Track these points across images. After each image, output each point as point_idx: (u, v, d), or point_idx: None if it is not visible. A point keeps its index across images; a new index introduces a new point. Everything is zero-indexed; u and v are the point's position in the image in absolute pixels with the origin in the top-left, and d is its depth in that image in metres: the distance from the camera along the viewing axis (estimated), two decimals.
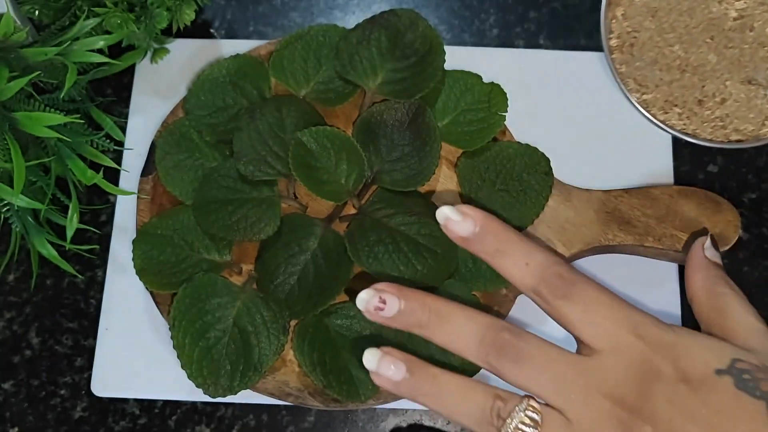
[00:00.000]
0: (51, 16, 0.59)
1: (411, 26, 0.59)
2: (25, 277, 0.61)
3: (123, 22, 0.57)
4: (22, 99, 0.53)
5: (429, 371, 0.44)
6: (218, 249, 0.56)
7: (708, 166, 0.62)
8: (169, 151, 0.59)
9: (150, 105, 0.64)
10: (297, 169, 0.55)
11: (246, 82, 0.60)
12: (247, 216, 0.56)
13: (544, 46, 0.66)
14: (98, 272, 0.61)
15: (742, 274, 0.60)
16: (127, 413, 0.58)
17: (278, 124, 0.57)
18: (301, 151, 0.56)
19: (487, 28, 0.67)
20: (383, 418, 0.57)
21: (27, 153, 0.55)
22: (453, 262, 0.54)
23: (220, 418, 0.57)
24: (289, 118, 0.57)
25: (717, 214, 0.57)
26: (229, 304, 0.54)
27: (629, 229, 0.56)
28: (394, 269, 0.54)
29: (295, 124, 0.57)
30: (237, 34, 0.67)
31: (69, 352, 0.59)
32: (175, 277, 0.55)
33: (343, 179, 0.56)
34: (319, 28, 0.61)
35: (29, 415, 0.58)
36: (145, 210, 0.58)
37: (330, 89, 0.60)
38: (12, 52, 0.52)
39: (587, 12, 0.67)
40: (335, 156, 0.56)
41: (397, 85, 0.58)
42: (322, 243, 0.56)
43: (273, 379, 0.55)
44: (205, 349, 0.53)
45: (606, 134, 0.62)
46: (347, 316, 0.55)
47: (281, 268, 0.55)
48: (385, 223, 0.55)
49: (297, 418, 0.57)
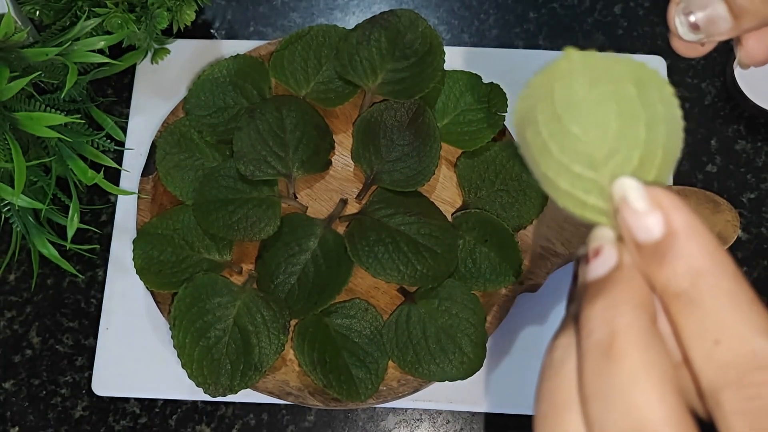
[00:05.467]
0: (52, 16, 0.59)
1: (411, 27, 0.59)
2: (25, 277, 0.61)
3: (123, 23, 0.57)
4: (22, 99, 0.53)
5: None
6: (218, 249, 0.56)
7: (707, 166, 0.63)
8: (169, 151, 0.59)
9: (150, 105, 0.64)
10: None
11: (246, 82, 0.60)
12: (247, 216, 0.56)
13: (543, 46, 0.66)
14: (99, 272, 0.61)
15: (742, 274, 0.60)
16: (128, 412, 0.58)
17: (278, 124, 0.57)
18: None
19: (486, 28, 0.67)
20: (383, 417, 0.57)
21: (28, 153, 0.55)
22: (453, 262, 0.54)
23: (220, 418, 0.57)
24: (289, 118, 0.58)
25: (716, 213, 0.57)
26: (230, 303, 0.54)
27: None
28: (394, 269, 0.54)
29: (295, 125, 0.57)
30: (237, 34, 0.67)
31: (70, 351, 0.59)
32: (175, 277, 0.55)
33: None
34: (319, 29, 0.61)
35: (30, 414, 0.58)
36: (145, 210, 0.58)
37: (330, 89, 0.60)
38: (13, 53, 0.52)
39: (586, 12, 0.67)
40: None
41: (397, 85, 0.58)
42: (322, 243, 0.56)
43: (273, 378, 0.55)
44: (205, 348, 0.53)
45: None
46: (347, 315, 0.55)
47: (281, 267, 0.55)
48: (385, 223, 0.55)
49: (297, 417, 0.57)
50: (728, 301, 0.23)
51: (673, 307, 0.24)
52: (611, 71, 0.23)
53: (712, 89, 0.65)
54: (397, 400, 0.55)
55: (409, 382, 0.54)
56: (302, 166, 0.57)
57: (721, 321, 0.23)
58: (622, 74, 0.23)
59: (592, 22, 0.67)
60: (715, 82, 0.65)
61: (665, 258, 0.23)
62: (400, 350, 0.54)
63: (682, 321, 0.23)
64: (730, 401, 0.22)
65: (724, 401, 0.22)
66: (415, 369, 0.53)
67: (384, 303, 0.57)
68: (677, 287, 0.23)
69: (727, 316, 0.23)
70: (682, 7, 0.35)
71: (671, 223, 0.24)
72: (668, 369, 0.23)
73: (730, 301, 0.23)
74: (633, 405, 0.22)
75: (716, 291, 0.23)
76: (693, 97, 0.64)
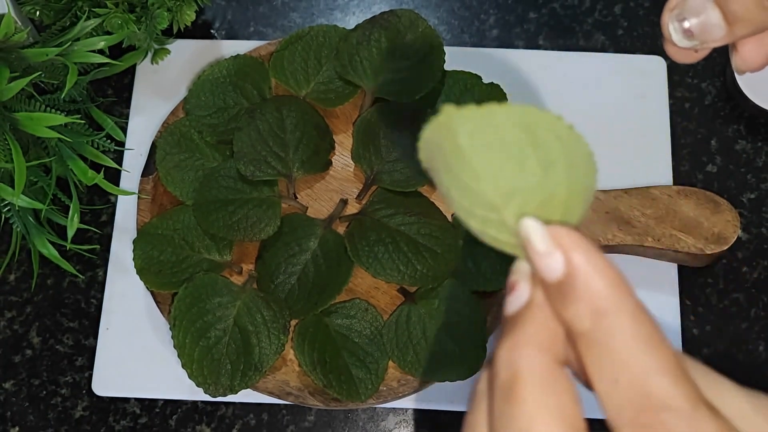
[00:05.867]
0: (52, 16, 0.59)
1: (411, 27, 0.59)
2: (25, 277, 0.61)
3: (124, 23, 0.57)
4: (23, 99, 0.53)
5: None
6: (218, 249, 0.56)
7: (707, 166, 0.63)
8: (169, 151, 0.59)
9: (151, 105, 0.64)
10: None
11: (246, 82, 0.60)
12: (247, 216, 0.56)
13: (543, 46, 0.66)
14: (99, 272, 0.61)
15: (742, 274, 0.60)
16: (128, 412, 0.58)
17: (278, 124, 0.57)
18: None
19: (486, 28, 0.67)
20: (383, 417, 0.57)
21: (28, 153, 0.55)
22: (453, 262, 0.54)
23: (220, 418, 0.57)
24: (289, 119, 0.58)
25: (716, 214, 0.57)
26: (230, 303, 0.54)
27: (628, 229, 0.56)
28: (394, 269, 0.54)
29: (295, 125, 0.57)
30: (237, 34, 0.67)
31: (70, 351, 0.59)
32: (175, 277, 0.55)
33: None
34: (319, 29, 0.61)
35: (30, 414, 0.58)
36: (145, 210, 0.58)
37: (330, 90, 0.60)
38: (13, 53, 0.52)
39: (586, 13, 0.67)
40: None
41: (397, 85, 0.58)
42: (322, 243, 0.56)
43: (273, 378, 0.55)
44: (205, 348, 0.53)
45: (606, 134, 0.62)
46: (347, 315, 0.55)
47: (281, 267, 0.55)
48: (385, 223, 0.55)
49: (297, 417, 0.57)
50: (627, 340, 0.23)
51: (578, 345, 0.24)
52: (492, 119, 0.23)
53: (712, 89, 0.64)
54: (398, 400, 0.55)
55: (410, 382, 0.54)
56: (302, 166, 0.57)
57: (619, 361, 0.23)
58: (505, 121, 0.23)
59: (593, 22, 0.67)
60: (716, 82, 0.65)
61: (567, 298, 0.24)
62: (400, 350, 0.54)
63: (586, 360, 0.24)
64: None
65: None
66: (415, 369, 0.53)
67: (384, 303, 0.57)
68: (580, 326, 0.24)
69: (624, 356, 0.23)
70: (676, 14, 0.35)
71: (571, 263, 0.24)
72: (567, 410, 0.23)
73: (628, 341, 0.23)
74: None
75: (615, 331, 0.23)
76: (693, 97, 0.64)
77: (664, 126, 0.63)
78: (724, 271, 0.60)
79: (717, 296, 0.59)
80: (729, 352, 0.58)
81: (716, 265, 0.60)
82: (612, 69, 0.64)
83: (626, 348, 0.23)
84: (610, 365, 0.23)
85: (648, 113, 0.63)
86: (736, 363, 0.58)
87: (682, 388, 0.22)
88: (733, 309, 0.59)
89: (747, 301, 0.59)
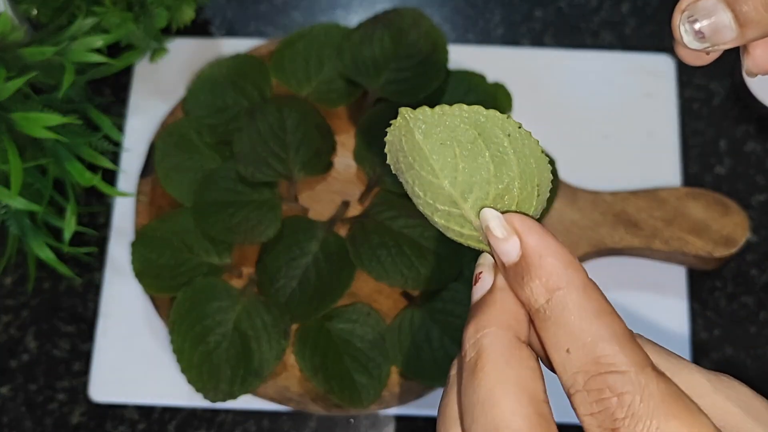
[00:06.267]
0: (49, 15, 0.59)
1: (414, 25, 0.59)
2: (22, 281, 0.60)
3: (122, 22, 0.57)
4: (19, 99, 0.53)
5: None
6: (218, 252, 0.56)
7: (716, 167, 0.62)
8: (168, 152, 0.58)
9: (149, 105, 0.63)
10: None
11: (246, 82, 0.59)
12: (247, 218, 0.55)
13: (549, 45, 0.65)
14: (96, 275, 0.60)
15: (750, 277, 0.59)
16: (126, 419, 0.57)
17: (279, 124, 0.57)
18: None
19: (491, 26, 0.66)
20: (386, 423, 0.57)
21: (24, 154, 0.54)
22: (457, 266, 0.54)
23: (220, 424, 0.57)
24: (290, 119, 0.57)
25: (725, 216, 0.56)
26: (229, 307, 0.54)
27: (636, 232, 0.56)
28: (397, 272, 0.53)
29: (296, 125, 0.57)
30: (237, 33, 0.67)
31: (67, 356, 0.58)
32: (174, 281, 0.55)
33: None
34: (321, 27, 0.61)
35: (27, 420, 0.57)
36: (143, 212, 0.58)
37: (332, 89, 0.60)
38: (9, 52, 0.52)
39: (593, 11, 0.66)
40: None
41: (400, 84, 0.58)
42: (323, 246, 0.55)
43: (274, 384, 0.54)
44: (204, 353, 0.53)
45: (613, 135, 0.62)
46: (349, 320, 0.54)
47: (282, 271, 0.55)
48: (387, 226, 0.55)
49: (298, 423, 0.57)
50: (577, 312, 0.25)
51: (535, 322, 0.26)
52: (445, 119, 0.26)
53: (721, 90, 0.64)
54: (401, 406, 0.54)
55: (413, 388, 0.54)
56: (303, 167, 0.57)
57: (570, 332, 0.25)
58: (457, 119, 0.26)
59: (599, 20, 0.66)
60: (725, 83, 0.64)
61: (524, 279, 0.26)
62: (403, 355, 0.53)
63: (542, 334, 0.26)
64: (581, 405, 0.24)
65: (577, 405, 0.25)
66: (418, 374, 0.53)
67: (387, 307, 0.56)
68: (536, 304, 0.26)
69: (575, 328, 0.25)
70: (686, 15, 0.35)
71: (525, 246, 0.26)
72: (527, 381, 0.25)
73: (578, 314, 0.25)
74: (491, 418, 0.24)
75: (566, 304, 0.25)
76: (702, 97, 0.64)
77: (673, 126, 0.62)
78: (733, 274, 0.59)
79: (726, 300, 0.58)
80: (738, 355, 0.58)
81: (725, 267, 0.59)
82: (619, 68, 0.64)
83: (576, 319, 0.25)
84: (563, 336, 0.25)
85: (656, 113, 0.62)
86: (745, 367, 0.57)
87: (629, 352, 0.24)
88: (742, 312, 0.58)
89: (756, 305, 0.58)
